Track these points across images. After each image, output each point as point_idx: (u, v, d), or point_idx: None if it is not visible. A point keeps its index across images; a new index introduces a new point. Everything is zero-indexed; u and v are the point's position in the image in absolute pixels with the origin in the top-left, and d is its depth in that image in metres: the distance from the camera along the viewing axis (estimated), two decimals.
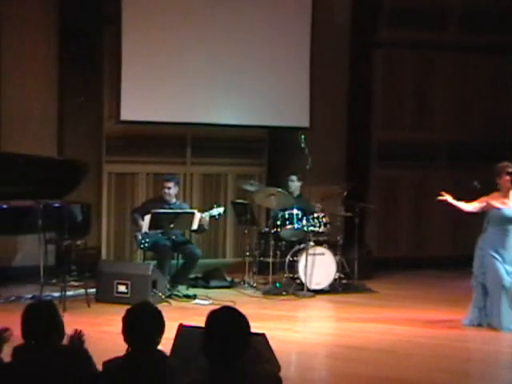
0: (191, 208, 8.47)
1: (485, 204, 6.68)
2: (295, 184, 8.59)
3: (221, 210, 8.14)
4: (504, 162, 6.72)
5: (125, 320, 3.26)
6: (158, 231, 7.77)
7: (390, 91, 10.03)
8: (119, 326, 3.26)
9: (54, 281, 7.77)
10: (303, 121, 9.26)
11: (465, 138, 10.10)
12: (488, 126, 10.24)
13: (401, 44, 9.91)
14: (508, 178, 6.58)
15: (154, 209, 7.75)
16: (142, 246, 7.84)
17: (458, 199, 6.80)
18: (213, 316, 3.01)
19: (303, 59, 9.27)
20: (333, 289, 8.23)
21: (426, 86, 10.13)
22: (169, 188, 8.00)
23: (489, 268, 6.65)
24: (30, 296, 7.35)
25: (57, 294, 7.27)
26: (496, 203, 6.63)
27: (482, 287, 6.70)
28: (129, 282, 7.34)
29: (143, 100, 8.71)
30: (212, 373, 2.90)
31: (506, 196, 6.63)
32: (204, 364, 2.95)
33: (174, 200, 8.08)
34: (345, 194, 8.51)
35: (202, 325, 4.98)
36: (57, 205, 7.55)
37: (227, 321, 2.99)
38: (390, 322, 6.96)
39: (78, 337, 3.41)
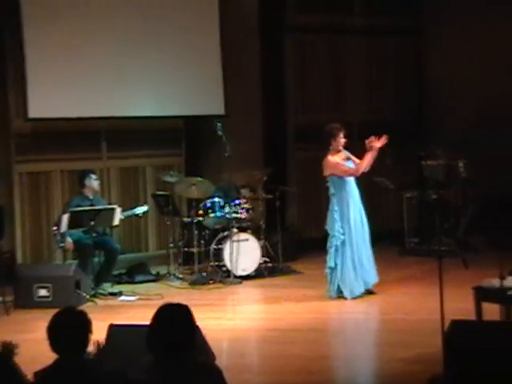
0: (109, 202, 8.33)
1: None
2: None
3: (145, 208, 8.12)
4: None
5: (49, 331, 3.17)
6: (80, 230, 7.60)
7: (302, 75, 10.13)
8: (43, 332, 3.16)
9: None
10: (219, 109, 9.22)
11: (375, 117, 10.30)
12: (396, 105, 10.53)
13: (310, 28, 10.02)
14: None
15: (79, 204, 7.63)
16: (62, 244, 7.64)
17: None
18: (160, 312, 3.08)
19: (214, 47, 9.22)
20: (259, 273, 8.28)
21: (336, 68, 10.30)
22: (96, 181, 7.87)
23: None
24: None
25: None
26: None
27: None
28: (50, 285, 7.12)
29: (52, 96, 8.43)
30: (158, 369, 2.89)
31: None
32: (148, 361, 2.93)
33: (92, 196, 7.94)
34: (265, 178, 8.54)
35: (133, 322, 4.90)
36: None
37: (174, 316, 3.07)
38: (318, 301, 7.05)
39: (10, 349, 3.25)
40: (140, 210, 8.09)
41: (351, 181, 7.04)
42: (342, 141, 7.05)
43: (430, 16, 10.52)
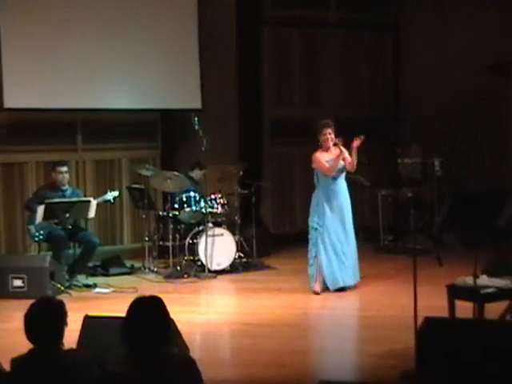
0: (85, 195, 8.28)
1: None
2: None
3: (115, 193, 8.02)
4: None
5: (26, 320, 3.17)
6: (52, 221, 7.53)
7: (278, 69, 10.16)
8: (18, 321, 3.16)
9: None
10: (195, 103, 9.21)
11: (350, 112, 10.34)
12: (371, 100, 10.58)
13: (286, 22, 10.05)
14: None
15: (47, 196, 7.55)
16: (36, 238, 7.58)
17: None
18: (134, 305, 3.10)
19: (192, 41, 9.21)
20: (233, 268, 8.29)
21: (312, 62, 10.34)
22: (65, 172, 7.79)
23: None
24: None
25: None
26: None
27: None
28: (25, 276, 7.10)
29: (28, 86, 8.37)
30: (132, 361, 2.91)
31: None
32: (122, 353, 2.93)
33: (67, 186, 7.87)
34: (241, 173, 8.55)
35: (107, 313, 4.89)
36: None
37: (148, 308, 3.09)
38: (291, 296, 7.09)
39: None
40: (110, 195, 7.96)
41: (338, 178, 7.04)
42: (326, 137, 6.99)
43: (406, 11, 10.60)
